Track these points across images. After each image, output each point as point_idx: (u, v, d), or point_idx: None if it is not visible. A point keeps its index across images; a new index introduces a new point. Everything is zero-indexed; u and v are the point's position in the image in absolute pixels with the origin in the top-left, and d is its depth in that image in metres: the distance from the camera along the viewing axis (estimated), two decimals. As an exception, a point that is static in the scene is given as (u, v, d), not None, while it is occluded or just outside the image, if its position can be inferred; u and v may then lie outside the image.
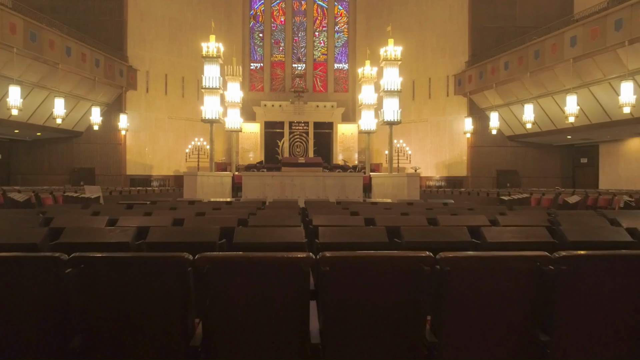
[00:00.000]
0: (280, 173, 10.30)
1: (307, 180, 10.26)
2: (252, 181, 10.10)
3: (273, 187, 10.23)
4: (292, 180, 10.29)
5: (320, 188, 10.17)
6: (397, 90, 12.39)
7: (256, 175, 10.15)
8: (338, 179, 10.27)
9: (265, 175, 10.31)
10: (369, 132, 15.57)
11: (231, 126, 15.34)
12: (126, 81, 22.64)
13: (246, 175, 10.12)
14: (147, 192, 15.58)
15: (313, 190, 9.99)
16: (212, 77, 12.07)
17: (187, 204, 7.33)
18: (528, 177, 23.81)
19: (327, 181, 10.26)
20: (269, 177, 10.22)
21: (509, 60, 20.11)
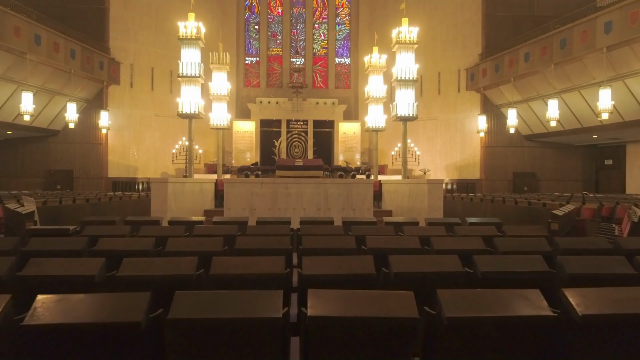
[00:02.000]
0: (271, 180, 8.33)
1: (305, 188, 8.29)
2: (236, 190, 8.16)
3: (263, 198, 8.25)
4: (286, 188, 8.31)
5: (322, 198, 8.19)
6: (412, 79, 10.43)
7: (241, 182, 8.20)
8: (344, 186, 8.30)
9: (253, 182, 8.32)
10: (377, 129, 13.59)
11: (217, 123, 13.35)
12: (107, 75, 20.64)
13: (229, 183, 8.16)
14: (123, 198, 13.56)
15: (312, 201, 8.01)
16: (191, 63, 10.06)
17: (129, 225, 5.36)
18: (547, 180, 21.85)
19: (330, 189, 8.29)
20: (258, 185, 8.25)
21: (530, 51, 18.13)
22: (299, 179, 8.27)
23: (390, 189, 10.00)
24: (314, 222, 5.69)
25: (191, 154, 10.59)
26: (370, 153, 26.41)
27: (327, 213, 8.30)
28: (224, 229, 4.90)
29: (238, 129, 25.18)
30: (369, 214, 8.36)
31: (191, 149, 10.50)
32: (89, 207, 11.81)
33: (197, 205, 9.45)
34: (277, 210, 8.19)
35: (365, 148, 26.21)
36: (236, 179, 8.28)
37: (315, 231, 4.82)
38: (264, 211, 8.30)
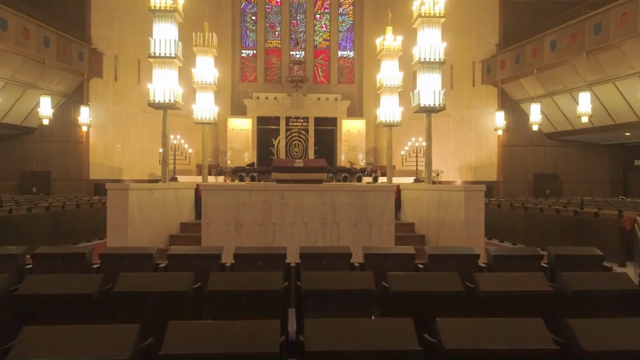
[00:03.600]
0: (263, 186, 6.44)
1: (306, 197, 6.41)
2: (217, 199, 6.29)
3: (253, 209, 6.37)
4: (282, 197, 6.42)
5: (328, 209, 6.32)
6: (439, 60, 8.54)
7: (224, 190, 6.31)
8: (356, 195, 6.42)
9: (241, 189, 6.42)
10: (392, 124, 11.67)
11: (202, 116, 11.44)
12: (88, 66, 18.75)
13: (208, 191, 6.28)
14: (95, 205, 11.66)
15: (316, 213, 6.14)
16: (165, 41, 8.18)
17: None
18: (570, 182, 19.95)
19: (339, 198, 6.41)
20: (246, 194, 6.35)
21: (558, 39, 16.22)
22: (299, 185, 6.36)
23: (412, 196, 8.09)
24: (320, 257, 3.81)
25: (166, 153, 8.68)
26: (376, 152, 24.55)
27: (334, 229, 6.41)
28: (171, 281, 3.03)
29: (233, 127, 23.32)
30: (389, 231, 6.46)
31: (166, 146, 8.61)
32: (50, 218, 9.92)
33: (171, 216, 7.55)
34: (270, 225, 6.30)
35: (371, 147, 24.34)
36: (217, 185, 6.40)
37: (323, 282, 2.94)
38: (254, 227, 6.41)
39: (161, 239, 7.22)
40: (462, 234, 6.63)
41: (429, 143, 9.31)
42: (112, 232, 6.35)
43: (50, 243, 10.02)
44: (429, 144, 9.28)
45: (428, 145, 9.27)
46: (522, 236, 10.76)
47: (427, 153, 9.27)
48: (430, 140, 9.37)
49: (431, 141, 9.39)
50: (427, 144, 9.29)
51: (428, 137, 9.35)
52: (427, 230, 7.58)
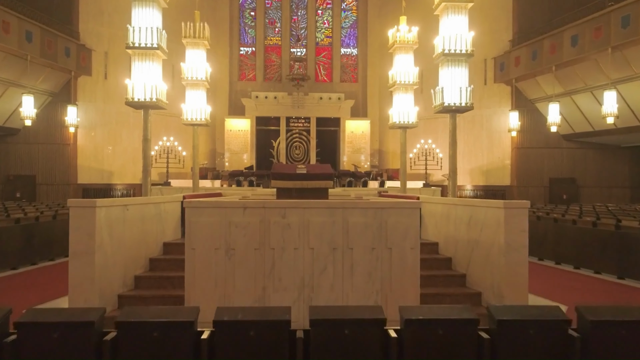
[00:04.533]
0: (260, 203, 5.25)
1: (313, 216, 5.28)
2: (204, 218, 5.15)
3: (247, 231, 5.22)
4: (283, 215, 5.28)
5: (339, 231, 5.20)
6: (467, 51, 7.39)
7: (212, 207, 5.15)
8: (374, 213, 5.28)
9: (232, 206, 5.26)
10: (406, 126, 10.48)
11: (192, 117, 10.24)
12: (76, 63, 17.59)
13: (193, 208, 5.13)
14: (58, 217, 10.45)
15: (324, 236, 5.03)
16: (146, 29, 7.03)
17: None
18: (588, 186, 18.79)
19: (353, 217, 5.28)
20: (239, 212, 5.20)
21: (579, 33, 15.06)
22: (303, 202, 5.18)
23: (436, 210, 6.92)
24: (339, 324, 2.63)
25: (147, 161, 7.47)
26: (381, 155, 23.40)
27: (347, 255, 5.27)
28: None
29: (231, 128, 22.17)
30: (414, 257, 5.30)
31: (147, 153, 7.41)
32: (20, 232, 8.75)
33: (152, 236, 6.39)
34: (268, 249, 5.16)
35: (375, 149, 23.20)
36: (204, 202, 5.23)
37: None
38: (248, 252, 5.26)
39: (139, 264, 6.06)
40: (501, 261, 5.48)
41: (454, 149, 8.12)
42: (75, 260, 5.19)
43: (21, 261, 8.88)
44: (453, 150, 8.10)
45: (453, 151, 8.09)
46: (550, 251, 9.59)
47: (451, 160, 8.09)
48: (455, 145, 8.19)
49: (456, 147, 8.21)
50: (452, 150, 8.11)
51: (453, 142, 8.17)
52: (454, 253, 6.42)
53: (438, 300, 5.83)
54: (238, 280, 5.28)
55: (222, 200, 5.52)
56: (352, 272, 5.34)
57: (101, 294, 5.35)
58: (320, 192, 9.99)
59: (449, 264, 6.50)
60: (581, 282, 8.37)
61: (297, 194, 9.88)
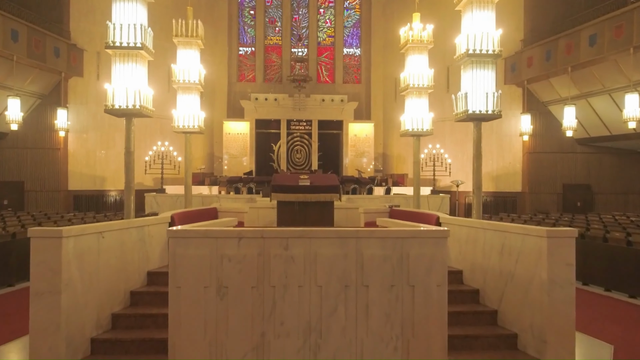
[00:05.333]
0: (259, 232, 4.41)
1: (321, 247, 4.46)
2: (191, 251, 4.32)
3: (243, 266, 4.38)
4: (286, 247, 4.44)
5: (352, 265, 4.41)
6: (493, 52, 6.53)
7: (200, 238, 4.30)
8: (393, 244, 4.41)
9: (225, 236, 4.42)
10: (420, 133, 9.59)
11: (184, 124, 9.35)
12: (66, 64, 16.75)
13: (178, 238, 4.31)
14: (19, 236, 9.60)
15: (334, 273, 4.24)
16: (128, 26, 6.17)
17: None
18: (603, 193, 17.94)
19: (369, 249, 4.46)
20: (233, 242, 4.36)
21: (598, 32, 14.20)
22: (309, 231, 4.32)
23: (459, 233, 6.06)
24: None
25: (129, 176, 6.58)
26: (385, 159, 22.56)
27: (361, 294, 4.45)
28: None
29: (229, 131, 21.34)
30: (440, 296, 4.46)
31: (129, 165, 6.54)
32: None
33: (133, 265, 5.54)
34: (268, 288, 4.34)
35: (379, 153, 22.37)
36: (190, 230, 4.40)
37: None
38: (244, 291, 4.43)
39: (117, 300, 5.21)
40: (543, 299, 4.62)
41: (479, 162, 7.22)
42: (37, 301, 4.34)
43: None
44: (478, 164, 7.20)
45: (477, 165, 7.19)
46: (599, 276, 8.69)
47: (476, 175, 7.20)
48: (480, 158, 7.26)
49: (481, 160, 7.32)
50: (476, 164, 7.21)
51: (477, 154, 7.27)
52: (482, 284, 5.57)
53: (467, 345, 4.98)
54: (232, 324, 4.43)
55: (212, 229, 4.66)
56: (368, 313, 4.49)
57: (69, 340, 4.50)
58: (325, 206, 9.17)
59: (475, 296, 5.65)
60: (617, 309, 7.53)
61: (300, 208, 9.06)
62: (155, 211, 14.91)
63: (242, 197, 14.99)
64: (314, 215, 8.88)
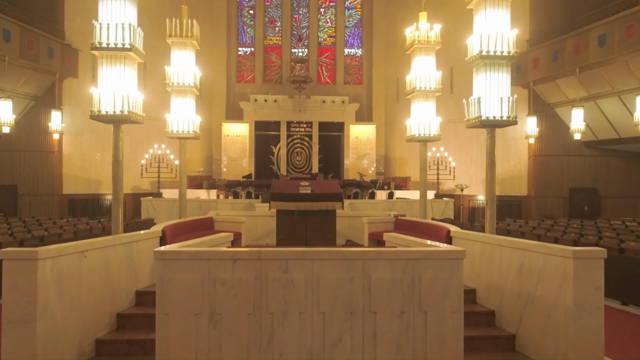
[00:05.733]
0: (255, 253, 3.99)
1: (324, 269, 4.01)
2: (181, 274, 3.89)
3: (238, 291, 3.95)
4: (285, 269, 3.99)
5: (359, 291, 3.97)
6: (509, 54, 6.12)
7: (191, 259, 3.85)
8: (404, 266, 3.99)
9: (219, 257, 3.99)
10: (427, 139, 9.16)
11: (178, 129, 8.91)
12: (61, 65, 16.34)
13: (165, 260, 3.89)
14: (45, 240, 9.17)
15: (339, 298, 3.82)
16: (115, 26, 5.73)
17: None
18: (611, 197, 17.52)
19: (377, 272, 4.02)
20: (227, 265, 3.93)
21: (608, 32, 13.78)
22: (311, 252, 3.88)
23: (473, 249, 5.63)
24: None
25: (117, 187, 6.13)
26: (387, 161, 22.15)
27: (369, 321, 4.05)
28: None
29: (228, 133, 20.92)
30: (455, 324, 4.05)
31: (117, 176, 6.11)
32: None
33: (120, 284, 5.11)
34: (265, 315, 3.93)
35: (381, 155, 21.95)
36: (179, 252, 3.98)
37: None
38: (239, 319, 4.02)
39: (102, 324, 4.78)
40: (569, 326, 4.20)
41: (492, 172, 6.77)
42: (11, 331, 3.91)
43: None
44: (491, 174, 6.75)
45: (491, 175, 6.75)
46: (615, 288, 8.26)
47: (489, 187, 6.75)
48: (493, 168, 6.81)
49: (494, 169, 6.89)
50: (489, 174, 6.76)
51: (491, 163, 6.83)
52: (498, 305, 5.14)
53: (484, 374, 4.57)
54: (226, 354, 4.01)
55: (204, 250, 4.23)
56: (376, 343, 4.07)
57: (47, 371, 4.08)
58: (327, 215, 8.73)
59: (491, 318, 5.22)
60: (637, 326, 7.11)
61: (301, 217, 8.63)
62: (152, 217, 14.50)
63: (240, 202, 14.57)
64: (315, 225, 8.45)
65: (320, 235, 8.47)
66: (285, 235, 8.47)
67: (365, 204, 14.65)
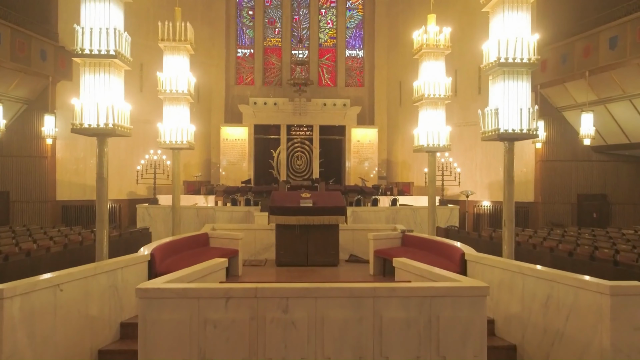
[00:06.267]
0: (251, 291, 3.50)
1: (329, 308, 3.51)
2: (167, 315, 3.42)
3: (231, 333, 3.45)
4: (285, 309, 3.52)
5: (369, 334, 3.42)
6: (529, 60, 5.62)
7: (176, 297, 3.35)
8: (419, 304, 3.51)
9: (210, 296, 3.49)
10: (436, 149, 8.63)
11: (171, 139, 8.38)
12: (54, 68, 15.85)
13: (148, 301, 3.42)
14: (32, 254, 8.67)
15: (347, 341, 3.26)
16: (98, 30, 5.19)
17: None
18: (620, 203, 17.03)
19: (389, 311, 3.53)
20: (218, 304, 3.46)
21: (620, 34, 13.30)
22: (314, 289, 3.39)
23: (492, 275, 5.13)
24: None
25: (102, 206, 5.67)
26: (389, 165, 21.68)
27: (381, 368, 3.50)
28: None
29: (227, 136, 20.45)
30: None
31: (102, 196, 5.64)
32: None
33: (102, 316, 4.62)
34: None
35: (383, 159, 21.49)
36: (164, 289, 3.53)
37: None
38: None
39: (80, 364, 4.30)
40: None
41: (511, 189, 6.28)
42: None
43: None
44: (510, 191, 6.24)
45: (509, 192, 6.24)
46: None
47: (507, 203, 6.25)
48: (511, 184, 6.35)
49: (513, 186, 6.40)
50: (507, 191, 6.26)
51: (509, 179, 6.33)
52: (521, 339, 4.66)
53: (508, 423, 4.09)
54: (218, 406, 3.54)
55: (193, 288, 3.74)
56: (388, 392, 3.60)
57: None
58: (329, 230, 8.24)
59: (512, 353, 4.73)
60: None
61: (302, 232, 8.14)
62: (148, 225, 14.01)
63: (239, 210, 14.08)
64: (317, 240, 7.98)
65: (323, 251, 8.00)
66: (285, 251, 8.00)
67: (368, 212, 14.16)
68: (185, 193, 17.82)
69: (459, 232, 13.39)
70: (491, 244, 11.33)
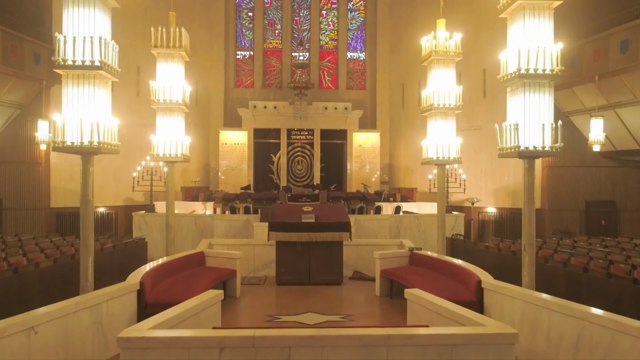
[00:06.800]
0: (249, 339, 3.07)
1: (338, 357, 3.08)
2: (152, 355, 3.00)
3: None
4: (288, 355, 3.08)
5: None
6: (552, 71, 5.19)
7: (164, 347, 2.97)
8: (438, 354, 3.07)
9: (202, 345, 3.05)
10: (446, 162, 8.16)
11: (165, 152, 7.94)
12: (48, 71, 15.39)
13: (132, 351, 3.01)
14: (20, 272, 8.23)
15: None
16: (82, 39, 4.73)
17: None
18: (629, 210, 16.59)
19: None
20: (213, 355, 3.03)
21: (631, 38, 12.89)
22: (321, 336, 2.93)
23: (512, 307, 4.71)
24: None
25: (86, 231, 5.23)
26: (391, 170, 21.26)
27: None
28: None
29: (226, 141, 20.03)
30: None
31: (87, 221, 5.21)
32: None
33: (85, 356, 4.20)
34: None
35: (385, 164, 21.07)
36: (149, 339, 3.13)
37: None
38: None
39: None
40: None
41: (531, 210, 5.85)
42: None
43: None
44: (530, 212, 5.81)
45: (529, 213, 5.78)
46: None
47: (527, 226, 5.82)
48: (532, 205, 5.93)
49: (533, 207, 5.98)
50: (527, 211, 5.80)
51: (529, 200, 5.88)
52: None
53: None
54: None
55: (182, 337, 3.31)
56: None
57: None
58: (332, 247, 7.81)
59: (537, 396, 4.30)
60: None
61: (303, 249, 7.71)
62: (144, 235, 13.58)
63: (238, 219, 13.66)
64: (319, 257, 7.55)
65: (325, 269, 7.58)
66: (285, 269, 7.58)
67: (371, 221, 13.74)
68: (183, 200, 17.40)
69: (465, 242, 12.96)
70: (500, 256, 10.91)
